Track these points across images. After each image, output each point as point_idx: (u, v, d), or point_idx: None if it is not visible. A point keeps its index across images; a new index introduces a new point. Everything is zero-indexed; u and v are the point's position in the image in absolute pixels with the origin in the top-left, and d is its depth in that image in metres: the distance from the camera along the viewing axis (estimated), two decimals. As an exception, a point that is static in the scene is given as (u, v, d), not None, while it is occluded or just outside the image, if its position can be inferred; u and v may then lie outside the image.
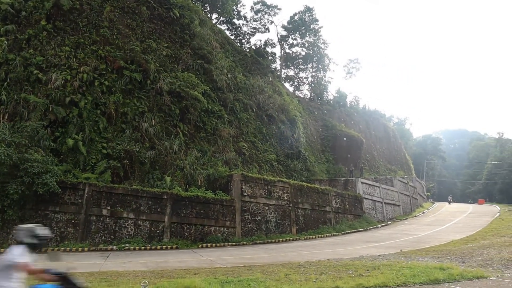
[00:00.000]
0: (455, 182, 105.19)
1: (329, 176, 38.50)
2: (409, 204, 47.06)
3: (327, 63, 57.78)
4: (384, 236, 26.37)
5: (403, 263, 13.15)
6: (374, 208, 36.05)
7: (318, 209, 28.65)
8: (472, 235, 25.46)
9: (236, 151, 28.58)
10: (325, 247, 20.59)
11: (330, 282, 9.71)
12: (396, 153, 65.58)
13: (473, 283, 10.23)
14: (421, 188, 64.38)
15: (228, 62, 34.93)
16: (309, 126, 42.71)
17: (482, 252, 17.26)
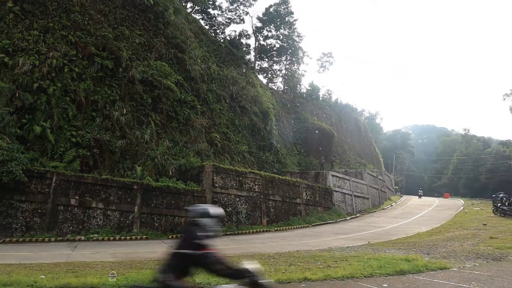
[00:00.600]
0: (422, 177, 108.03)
1: (301, 168, 38.90)
2: (378, 197, 48.12)
3: (301, 56, 58.08)
4: (353, 228, 26.90)
5: (370, 255, 13.49)
6: (343, 201, 36.69)
7: (289, 201, 28.95)
8: (437, 228, 26.29)
9: (208, 142, 28.48)
10: (295, 239, 20.85)
11: (299, 273, 9.87)
12: (367, 147, 66.74)
13: (436, 274, 10.62)
14: (390, 181, 65.86)
15: (202, 52, 34.64)
16: (281, 119, 42.92)
17: (445, 244, 17.89)
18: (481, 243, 17.76)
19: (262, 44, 54.99)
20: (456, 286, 8.85)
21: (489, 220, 29.71)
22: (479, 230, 24.06)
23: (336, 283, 9.14)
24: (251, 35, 53.82)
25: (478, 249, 16.01)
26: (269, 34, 54.89)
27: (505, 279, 9.71)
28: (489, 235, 20.95)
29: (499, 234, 21.32)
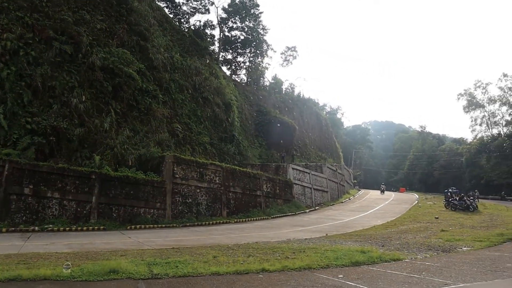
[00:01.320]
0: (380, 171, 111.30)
1: (262, 161, 39.18)
2: (337, 190, 49.16)
3: (265, 49, 58.17)
4: (311, 221, 27.40)
5: (327, 247, 13.82)
6: (303, 194, 37.26)
7: (249, 193, 29.13)
8: (392, 221, 27.21)
9: (169, 132, 28.15)
10: (254, 230, 21.04)
11: (257, 264, 10.01)
12: (327, 141, 67.91)
13: (390, 265, 11.03)
14: (349, 175, 67.42)
15: (166, 41, 34.05)
16: (244, 111, 42.97)
17: (399, 236, 18.58)
18: (433, 236, 18.57)
19: (226, 35, 54.71)
20: (407, 276, 9.22)
21: (441, 214, 31.04)
22: (431, 223, 25.11)
23: (293, 274, 9.33)
24: (216, 25, 53.44)
25: (430, 241, 16.74)
26: (234, 25, 54.68)
27: (453, 270, 10.22)
28: (440, 228, 21.94)
29: (450, 227, 22.36)
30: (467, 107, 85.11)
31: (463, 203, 33.60)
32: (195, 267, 9.27)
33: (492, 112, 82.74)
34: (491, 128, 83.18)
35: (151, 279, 8.26)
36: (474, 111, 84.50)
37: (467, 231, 20.53)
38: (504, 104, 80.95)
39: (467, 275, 9.40)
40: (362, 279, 8.77)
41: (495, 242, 16.77)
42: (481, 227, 22.50)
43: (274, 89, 56.59)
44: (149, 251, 12.51)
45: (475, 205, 33.80)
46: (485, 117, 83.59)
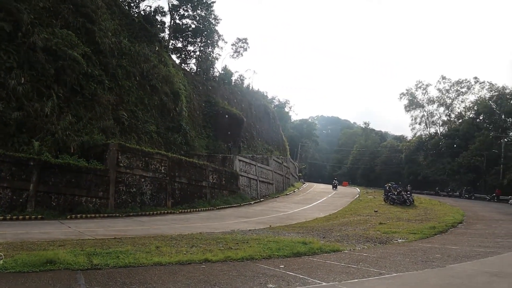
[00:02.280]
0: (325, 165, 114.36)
1: (209, 151, 39.09)
2: (282, 183, 50.04)
3: (216, 39, 57.71)
4: (256, 212, 27.80)
5: (270, 238, 14.13)
6: (249, 185, 37.63)
7: (195, 183, 29.05)
8: (334, 214, 28.17)
9: (115, 119, 27.37)
10: (199, 221, 21.07)
11: (200, 255, 10.09)
12: (274, 134, 68.71)
13: (330, 255, 11.49)
14: (294, 168, 68.74)
15: (114, 25, 32.91)
16: (192, 101, 42.54)
17: (340, 228, 19.32)
18: (371, 228, 19.48)
19: (177, 23, 53.66)
20: (345, 266, 9.65)
21: (380, 207, 32.50)
22: (370, 216, 26.26)
23: (235, 264, 9.50)
24: (167, 12, 52.23)
25: (368, 233, 17.56)
26: (185, 13, 53.70)
27: (388, 260, 10.82)
28: (378, 221, 23.01)
29: (387, 220, 23.51)
30: (408, 106, 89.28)
31: (400, 197, 35.37)
32: (137, 258, 9.21)
33: (431, 112, 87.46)
34: (429, 127, 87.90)
35: (90, 269, 8.10)
36: (414, 110, 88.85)
37: (403, 224, 21.69)
38: (442, 105, 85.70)
39: (401, 265, 10.00)
40: (303, 269, 9.09)
41: (428, 234, 17.88)
42: (416, 220, 23.85)
43: (223, 80, 56.38)
44: (89, 241, 12.23)
45: (412, 200, 35.70)
46: (424, 116, 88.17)
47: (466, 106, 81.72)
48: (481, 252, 12.70)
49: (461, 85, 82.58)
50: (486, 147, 64.91)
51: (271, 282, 7.64)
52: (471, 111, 79.27)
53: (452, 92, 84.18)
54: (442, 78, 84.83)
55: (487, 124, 73.59)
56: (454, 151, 73.80)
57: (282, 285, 7.40)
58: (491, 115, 72.87)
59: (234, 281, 7.57)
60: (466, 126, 74.37)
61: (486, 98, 75.96)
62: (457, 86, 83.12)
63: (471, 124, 74.13)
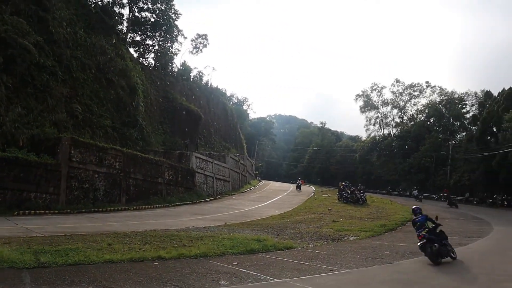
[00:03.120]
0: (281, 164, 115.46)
1: (165, 148, 38.57)
2: (239, 180, 50.16)
3: (175, 34, 56.73)
4: (212, 210, 27.76)
5: (225, 235, 14.22)
6: (205, 183, 37.48)
7: (150, 180, 28.63)
8: (289, 212, 28.54)
9: (68, 112, 26.47)
10: (153, 218, 20.82)
11: (153, 252, 10.02)
12: (232, 132, 68.70)
13: (283, 253, 11.72)
14: (251, 166, 69.03)
15: (69, 14, 31.79)
16: (150, 96, 41.80)
17: (294, 226, 19.65)
18: (325, 226, 19.93)
19: (136, 16, 52.39)
20: (298, 263, 9.88)
21: (334, 205, 33.23)
22: (324, 214, 26.82)
23: (189, 261, 9.51)
24: (125, 4, 50.83)
25: (322, 231, 17.98)
26: (145, 6, 52.46)
27: (339, 257, 11.17)
28: (332, 219, 23.56)
29: (340, 218, 24.11)
30: (364, 107, 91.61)
31: (354, 196, 36.33)
32: (87, 255, 9.02)
33: (385, 113, 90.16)
34: (383, 128, 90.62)
35: (37, 268, 7.84)
36: (369, 111, 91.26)
37: (355, 222, 22.35)
38: (395, 107, 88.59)
39: (351, 262, 10.35)
40: (256, 266, 9.23)
41: (378, 232, 18.56)
42: (367, 219, 24.62)
43: (182, 76, 55.68)
44: (37, 239, 11.82)
45: (364, 199, 36.75)
46: (379, 118, 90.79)
47: (418, 109, 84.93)
48: (426, 249, 13.31)
49: (413, 88, 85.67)
50: (435, 148, 67.80)
51: (224, 279, 7.71)
52: (423, 114, 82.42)
53: (405, 95, 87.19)
54: (396, 81, 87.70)
55: (436, 126, 76.78)
56: (406, 152, 76.53)
57: (234, 282, 7.49)
58: (441, 118, 76.08)
59: (186, 278, 7.58)
60: (418, 128, 77.29)
61: (437, 102, 79.26)
62: (410, 89, 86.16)
63: (422, 127, 77.10)
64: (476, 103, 70.49)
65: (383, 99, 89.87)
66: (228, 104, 74.05)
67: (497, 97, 55.07)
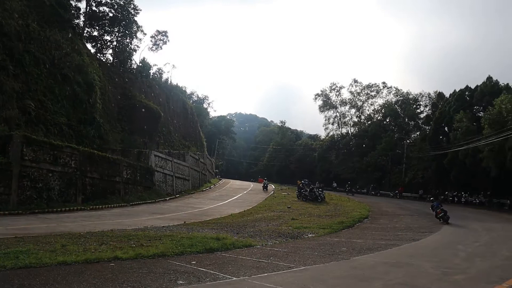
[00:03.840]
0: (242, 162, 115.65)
1: (123, 146, 37.77)
2: (198, 179, 49.83)
3: (135, 30, 55.49)
4: (171, 209, 27.46)
5: (184, 234, 14.10)
6: (164, 181, 37.02)
7: (108, 179, 27.97)
8: (249, 210, 28.63)
9: (20, 109, 25.42)
10: (111, 218, 20.35)
11: (109, 252, 9.80)
12: (192, 130, 68.13)
13: (242, 251, 11.75)
14: (211, 164, 68.71)
15: (21, 6, 30.43)
16: (107, 93, 40.78)
17: (254, 224, 19.74)
18: (284, 224, 20.13)
19: (94, 10, 50.86)
20: (256, 261, 9.94)
21: (293, 203, 33.62)
22: (284, 212, 27.09)
23: (146, 261, 9.37)
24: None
25: (281, 229, 18.16)
26: (103, 0, 51.09)
27: (297, 254, 11.32)
28: (291, 216, 23.83)
29: (299, 216, 24.43)
30: (323, 107, 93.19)
31: (312, 194, 36.90)
32: (40, 257, 8.70)
33: (343, 113, 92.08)
34: (341, 127, 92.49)
35: (-17, 273, 7.50)
36: (328, 111, 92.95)
37: (314, 220, 22.71)
38: (353, 107, 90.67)
39: (309, 259, 10.51)
40: (214, 265, 9.21)
41: (336, 229, 18.96)
42: (326, 216, 25.08)
43: (141, 72, 54.66)
44: (-16, 242, 11.28)
45: (323, 196, 37.39)
46: (337, 117, 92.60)
47: (375, 109, 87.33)
48: (382, 244, 13.74)
49: (371, 89, 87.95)
50: (391, 147, 69.96)
51: (182, 278, 7.65)
52: (379, 114, 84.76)
53: (363, 95, 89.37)
54: (354, 82, 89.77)
55: (392, 126, 79.12)
56: (363, 150, 78.47)
57: (192, 281, 7.45)
58: (396, 118, 78.50)
59: (143, 279, 7.47)
60: (374, 127, 79.40)
61: (393, 102, 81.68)
62: (368, 89, 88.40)
63: (379, 126, 79.28)
64: (430, 104, 73.23)
65: (342, 99, 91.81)
66: (188, 102, 73.36)
67: (449, 98, 57.44)
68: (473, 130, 45.49)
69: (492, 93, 46.48)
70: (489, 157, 39.10)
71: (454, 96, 55.01)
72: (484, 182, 43.44)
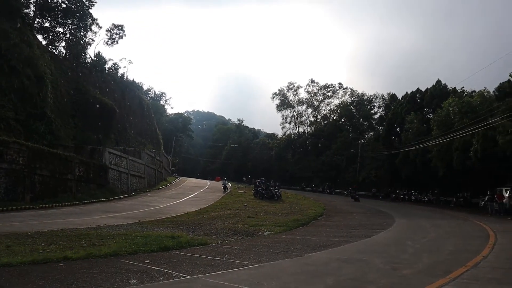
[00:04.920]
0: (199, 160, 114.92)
1: (76, 142, 36.52)
2: (154, 177, 49.05)
3: (90, 22, 53.73)
4: (125, 207, 26.88)
5: (138, 233, 13.83)
6: (119, 179, 36.18)
7: (59, 176, 26.98)
8: (205, 208, 28.48)
9: (-37, 102, 24.08)
10: (61, 217, 19.64)
11: (58, 253, 9.44)
12: (148, 127, 66.91)
13: (197, 249, 11.66)
14: (167, 162, 67.79)
15: (-35, -6, 28.84)
16: (60, 87, 39.27)
17: (210, 222, 19.64)
18: (240, 222, 20.14)
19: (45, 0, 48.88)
20: (211, 259, 9.88)
21: (250, 202, 33.73)
22: (240, 210, 27.11)
23: (98, 261, 9.11)
24: (33, -14, 47.14)
25: (237, 226, 18.16)
26: (55, -10, 49.13)
27: (252, 252, 11.35)
28: (247, 214, 23.88)
29: (256, 214, 24.52)
30: (280, 106, 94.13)
31: (269, 192, 37.16)
32: (-20, 260, 8.26)
33: (300, 112, 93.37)
34: (298, 126, 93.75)
35: None
36: (285, 110, 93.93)
37: (269, 218, 22.85)
38: (310, 106, 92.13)
39: (264, 256, 10.56)
40: (168, 264, 9.08)
41: (291, 227, 19.16)
42: (281, 214, 25.30)
43: (96, 67, 53.02)
44: None
45: (279, 194, 37.75)
46: (294, 116, 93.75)
47: (331, 109, 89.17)
48: (335, 241, 14.02)
49: (327, 89, 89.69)
50: (346, 147, 71.75)
51: (134, 278, 7.48)
52: (335, 114, 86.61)
53: (319, 95, 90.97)
54: (311, 82, 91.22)
55: (347, 126, 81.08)
56: (319, 150, 79.98)
57: (145, 280, 7.31)
58: (351, 118, 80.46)
59: (94, 279, 7.24)
60: (330, 127, 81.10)
61: (348, 102, 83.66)
62: (324, 90, 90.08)
63: (335, 126, 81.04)
64: (383, 105, 75.62)
65: (299, 98, 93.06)
66: (144, 99, 71.96)
67: (401, 100, 59.57)
68: (423, 131, 47.44)
69: (441, 96, 48.68)
70: (437, 157, 40.90)
71: (406, 98, 57.13)
72: (432, 181, 45.31)
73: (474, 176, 37.79)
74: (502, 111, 32.26)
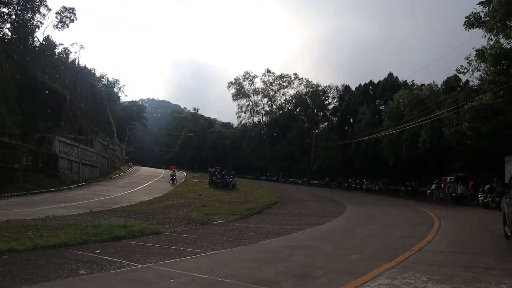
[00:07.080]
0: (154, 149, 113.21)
1: (23, 130, 34.98)
2: (107, 166, 48.00)
3: (37, 4, 51.08)
4: (76, 197, 26.25)
5: (89, 223, 13.60)
6: (70, 168, 35.17)
7: (5, 165, 25.89)
8: (159, 197, 28.30)
9: None
10: (7, 208, 18.88)
11: (2, 244, 9.12)
12: (101, 115, 64.96)
13: (150, 238, 11.63)
14: (121, 151, 66.39)
15: None
16: (5, 71, 37.37)
17: (164, 211, 19.57)
18: (194, 211, 20.15)
19: (-12, -22, 46.10)
20: (164, 248, 9.88)
21: (205, 191, 33.75)
22: (194, 199, 27.10)
23: (46, 252, 8.89)
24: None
25: (191, 215, 18.18)
26: (-2, -33, 46.38)
27: (206, 240, 11.45)
28: (202, 203, 23.92)
29: (210, 203, 24.60)
30: (236, 95, 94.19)
31: (224, 181, 37.32)
32: None
33: (256, 102, 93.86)
34: (254, 116, 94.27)
35: None
36: (241, 99, 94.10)
37: (224, 206, 23.00)
38: (266, 96, 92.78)
39: (217, 244, 10.67)
40: (120, 253, 9.01)
41: (245, 215, 19.41)
42: (236, 203, 25.53)
43: (45, 51, 50.65)
44: None
45: (234, 183, 37.98)
46: (250, 106, 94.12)
47: (286, 99, 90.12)
48: (288, 229, 14.34)
49: (283, 79, 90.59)
50: (300, 137, 72.89)
51: (84, 268, 7.38)
52: (290, 104, 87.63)
53: (275, 85, 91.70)
54: (267, 72, 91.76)
55: (302, 116, 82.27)
56: (274, 139, 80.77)
57: (95, 270, 7.22)
58: (306, 109, 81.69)
59: (41, 270, 7.07)
60: (285, 117, 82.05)
61: (303, 93, 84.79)
62: (280, 80, 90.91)
63: (289, 116, 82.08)
64: (337, 96, 77.17)
65: (255, 88, 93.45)
66: (97, 86, 69.64)
67: (354, 91, 61.09)
68: (375, 122, 48.99)
69: (392, 88, 50.33)
70: (387, 147, 42.45)
71: (359, 90, 58.67)
72: (383, 170, 46.97)
73: (421, 166, 39.55)
74: (448, 104, 33.82)
